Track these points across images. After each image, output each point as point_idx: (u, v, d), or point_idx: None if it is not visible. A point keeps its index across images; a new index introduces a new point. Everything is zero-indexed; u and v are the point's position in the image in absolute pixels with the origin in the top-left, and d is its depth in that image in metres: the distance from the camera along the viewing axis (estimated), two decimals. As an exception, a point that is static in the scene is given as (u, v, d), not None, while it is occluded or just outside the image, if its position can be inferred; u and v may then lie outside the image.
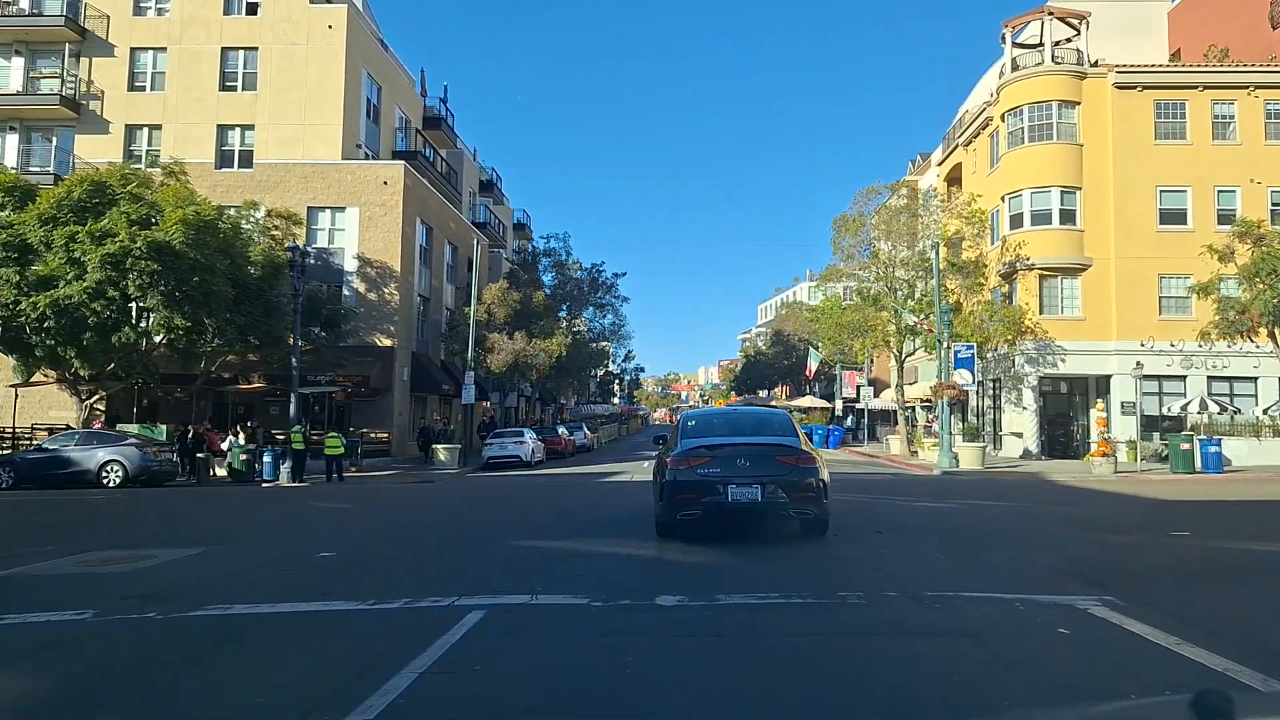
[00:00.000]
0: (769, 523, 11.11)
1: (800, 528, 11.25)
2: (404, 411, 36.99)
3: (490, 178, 60.49)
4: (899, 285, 35.66)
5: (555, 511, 15.77)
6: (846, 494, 18.72)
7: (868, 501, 17.13)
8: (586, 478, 27.58)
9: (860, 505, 16.34)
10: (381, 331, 36.23)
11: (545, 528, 13.04)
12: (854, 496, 17.90)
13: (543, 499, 19.02)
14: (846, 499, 17.47)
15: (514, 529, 13.11)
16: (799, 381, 76.82)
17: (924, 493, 19.74)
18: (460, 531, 13.25)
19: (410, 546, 11.75)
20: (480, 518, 15.12)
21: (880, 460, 36.62)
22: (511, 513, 15.96)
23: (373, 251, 36.38)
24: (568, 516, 14.83)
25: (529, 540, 11.56)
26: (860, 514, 14.72)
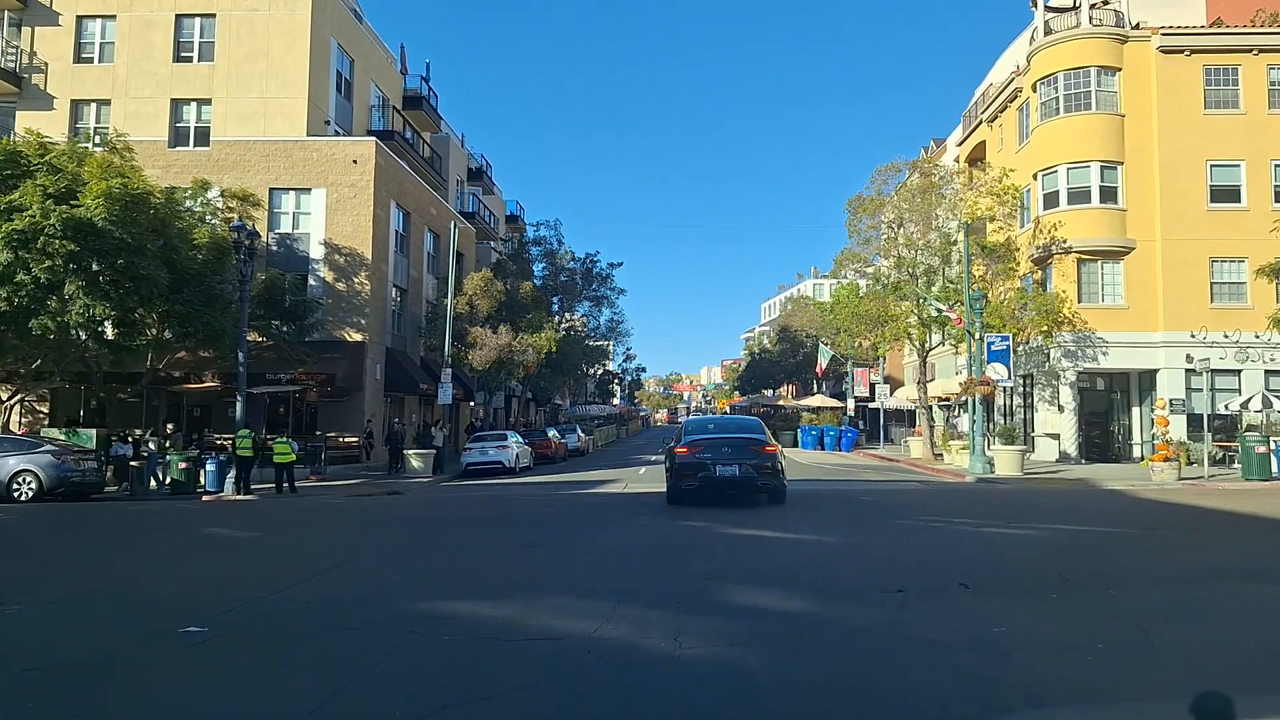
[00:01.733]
0: (749, 495, 16.33)
1: (767, 498, 16.48)
2: (377, 413, 33.64)
3: (480, 165, 57.12)
4: (922, 271, 32.23)
5: (523, 541, 12.33)
6: (884, 515, 15.33)
7: (918, 527, 13.67)
8: (575, 488, 24.23)
9: (912, 533, 12.92)
10: (351, 325, 32.89)
11: (497, 578, 9.47)
12: (897, 520, 14.51)
13: (515, 520, 15.59)
14: (889, 523, 14.09)
15: (452, 579, 9.51)
16: (806, 380, 73.37)
17: (975, 509, 16.32)
18: (370, 594, 8.54)
19: (267, 629, 7.22)
20: (417, 558, 11.38)
21: (901, 465, 33.22)
22: (465, 545, 12.44)
23: (341, 237, 33.05)
24: (536, 552, 11.41)
25: (463, 604, 8.08)
26: (920, 546, 11.38)
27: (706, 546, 11.61)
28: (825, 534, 12.72)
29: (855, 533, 13.08)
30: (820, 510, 16.09)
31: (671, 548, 11.39)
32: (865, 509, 16.77)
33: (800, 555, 10.74)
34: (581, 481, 26.44)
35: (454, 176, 51.52)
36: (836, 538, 12.44)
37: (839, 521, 14.60)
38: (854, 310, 31.18)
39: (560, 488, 24.12)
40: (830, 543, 11.97)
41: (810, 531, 12.95)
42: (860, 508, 17.06)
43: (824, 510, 16.15)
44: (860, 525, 14.13)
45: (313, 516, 17.47)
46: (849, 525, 14.12)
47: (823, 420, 46.50)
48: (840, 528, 13.62)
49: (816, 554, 10.90)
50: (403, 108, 43.49)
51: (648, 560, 10.35)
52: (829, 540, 12.16)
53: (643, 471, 30.03)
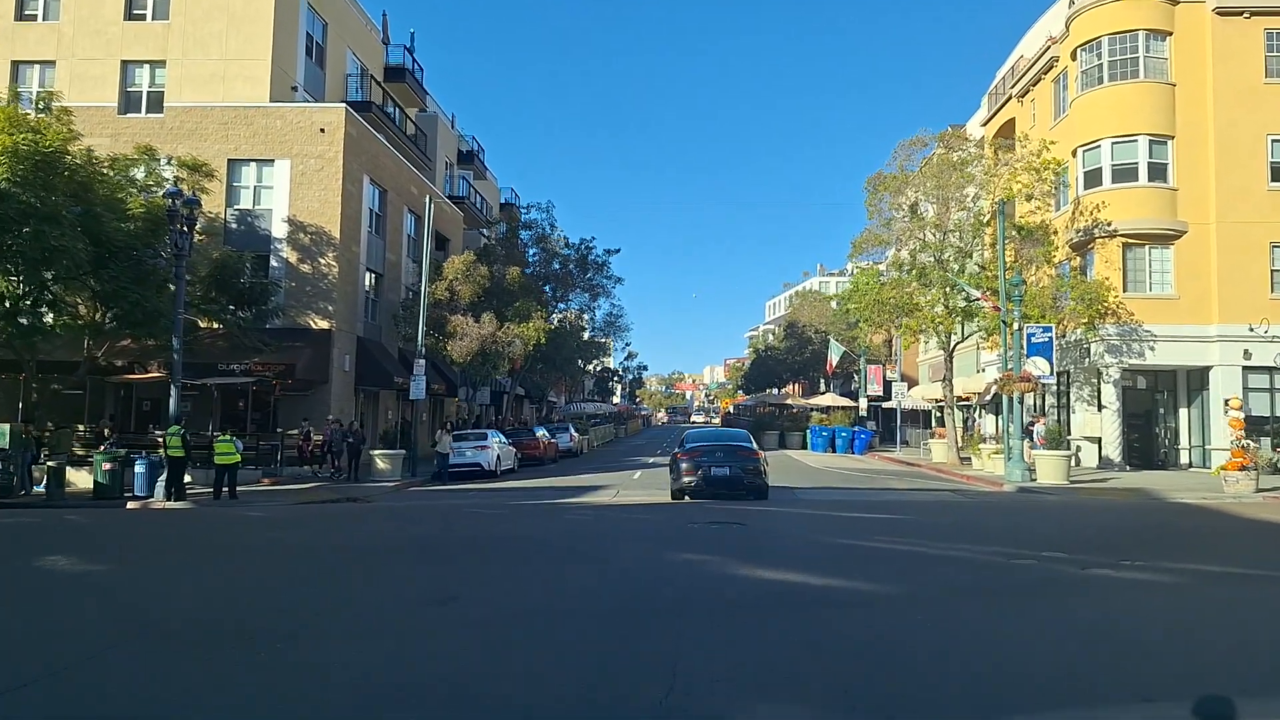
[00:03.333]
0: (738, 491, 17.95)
1: (753, 495, 18.05)
2: (347, 408, 30.45)
3: (471, 148, 53.96)
4: (949, 256, 29.01)
5: (442, 591, 8.74)
6: (943, 539, 12.06)
7: (1009, 568, 9.97)
8: (557, 495, 21.07)
9: (1023, 593, 8.44)
10: (316, 311, 29.72)
11: (337, 701, 5.45)
12: (947, 549, 11.10)
13: (457, 548, 12.18)
14: (937, 559, 10.81)
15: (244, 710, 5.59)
16: (814, 378, 70.14)
17: (1052, 533, 13.05)
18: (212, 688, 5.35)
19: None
20: (320, 611, 8.05)
21: (924, 470, 30.01)
22: (352, 601, 8.42)
23: (307, 213, 29.89)
24: (448, 614, 7.91)
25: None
26: (1059, 625, 7.04)
27: (708, 606, 7.79)
28: (885, 582, 8.85)
29: (923, 578, 9.16)
30: (854, 532, 12.89)
31: (655, 609, 7.74)
32: (912, 530, 13.53)
33: (869, 633, 6.84)
34: (566, 488, 23.28)
35: (442, 158, 48.38)
36: (903, 587, 8.61)
37: (893, 558, 10.76)
38: (876, 298, 27.93)
39: (540, 495, 20.94)
40: (897, 598, 8.10)
41: (864, 576, 9.17)
42: (904, 528, 13.82)
43: (859, 532, 12.95)
44: (929, 567, 9.89)
45: (219, 536, 14.25)
46: (913, 568, 9.93)
47: (834, 420, 43.30)
48: (902, 568, 9.84)
49: (896, 632, 6.92)
50: (384, 80, 40.32)
51: (617, 637, 6.79)
52: (892, 592, 8.32)
53: (637, 476, 26.85)
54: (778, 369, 71.47)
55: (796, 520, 14.37)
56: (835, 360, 46.75)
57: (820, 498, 19.63)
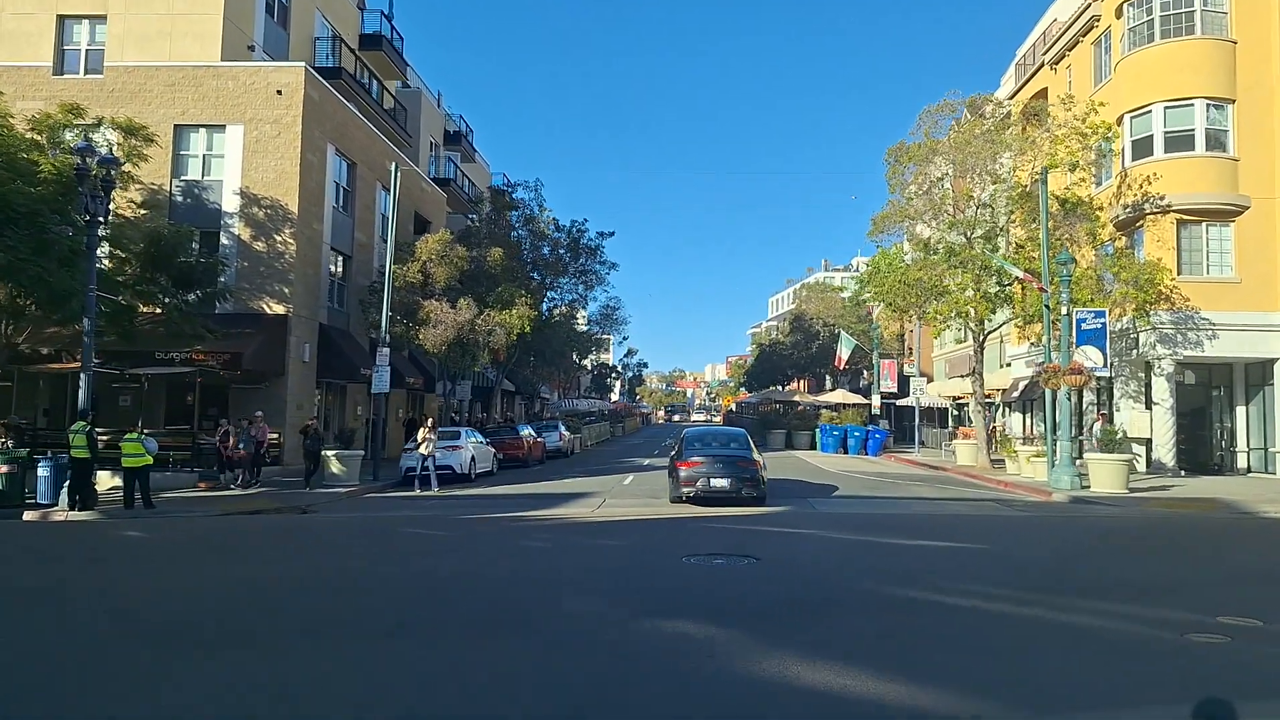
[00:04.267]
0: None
1: (750, 502, 17.43)
2: (305, 403, 27.30)
3: (459, 128, 50.83)
4: (982, 234, 25.78)
5: (275, 691, 5.66)
6: (1026, 595, 8.60)
7: (1157, 641, 6.65)
8: (529, 505, 17.93)
9: None
10: (271, 294, 26.57)
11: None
12: (1066, 609, 7.74)
13: (366, 594, 8.96)
14: (1067, 633, 7.16)
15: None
16: (821, 374, 66.91)
17: (1173, 577, 9.80)
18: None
19: None
20: None
21: (950, 474, 26.81)
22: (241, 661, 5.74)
23: (261, 185, 26.73)
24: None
25: None
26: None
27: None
28: (1021, 690, 5.48)
29: (1071, 679, 5.66)
30: (912, 572, 9.66)
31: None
32: (988, 567, 10.23)
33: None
34: (544, 496, 20.11)
35: (426, 137, 45.23)
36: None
37: (995, 628, 7.11)
38: (902, 279, 24.64)
39: (509, 506, 17.76)
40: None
41: (977, 681, 5.60)
42: (974, 564, 10.53)
43: (919, 572, 9.72)
44: (1066, 650, 6.33)
45: (59, 567, 11.02)
46: (1038, 652, 6.34)
47: (845, 419, 40.08)
48: (1021, 652, 6.36)
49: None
50: (359, 48, 37.12)
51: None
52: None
53: (629, 481, 23.66)
54: (782, 365, 68.25)
55: (825, 549, 11.15)
56: (846, 355, 43.55)
57: (844, 511, 16.44)
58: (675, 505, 17.64)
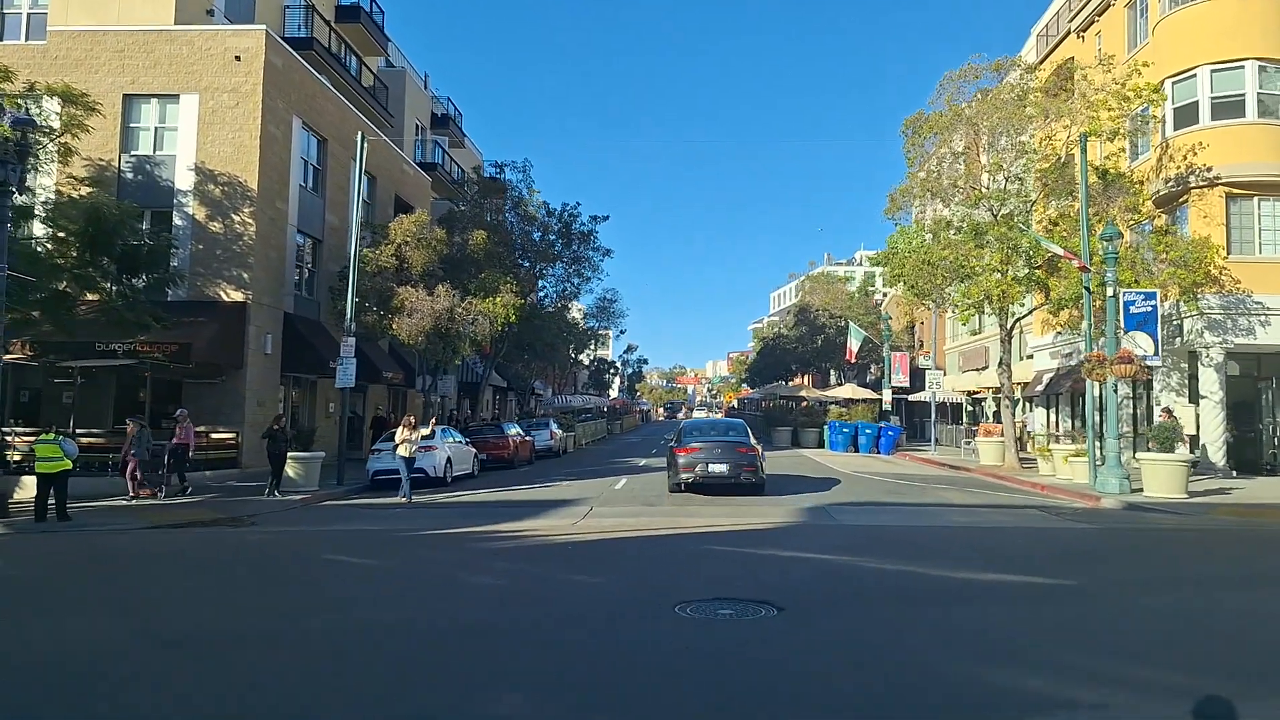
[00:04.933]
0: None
1: (749, 489, 18.27)
2: (268, 400, 24.94)
3: (446, 111, 48.37)
4: (1009, 211, 23.36)
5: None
6: (1189, 677, 6.06)
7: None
8: (505, 515, 15.58)
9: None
10: (229, 280, 24.19)
11: None
12: None
13: (287, 637, 6.64)
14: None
15: None
16: (826, 369, 64.50)
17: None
18: None
19: None
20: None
21: (976, 475, 24.42)
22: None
23: (217, 160, 24.35)
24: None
25: None
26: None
27: None
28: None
29: None
30: (988, 633, 7.12)
31: None
32: (1090, 613, 7.50)
33: None
34: (523, 503, 17.76)
35: (411, 119, 42.78)
36: None
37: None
38: (925, 258, 22.15)
39: (478, 518, 15.37)
40: None
41: None
42: (1068, 608, 7.64)
43: (997, 629, 7.19)
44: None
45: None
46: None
47: (855, 415, 37.67)
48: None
49: None
50: (335, 20, 34.72)
51: None
52: None
53: (621, 485, 21.26)
54: (786, 359, 65.78)
55: (867, 589, 8.19)
56: (856, 346, 41.12)
57: (871, 524, 14.04)
58: (671, 513, 15.32)
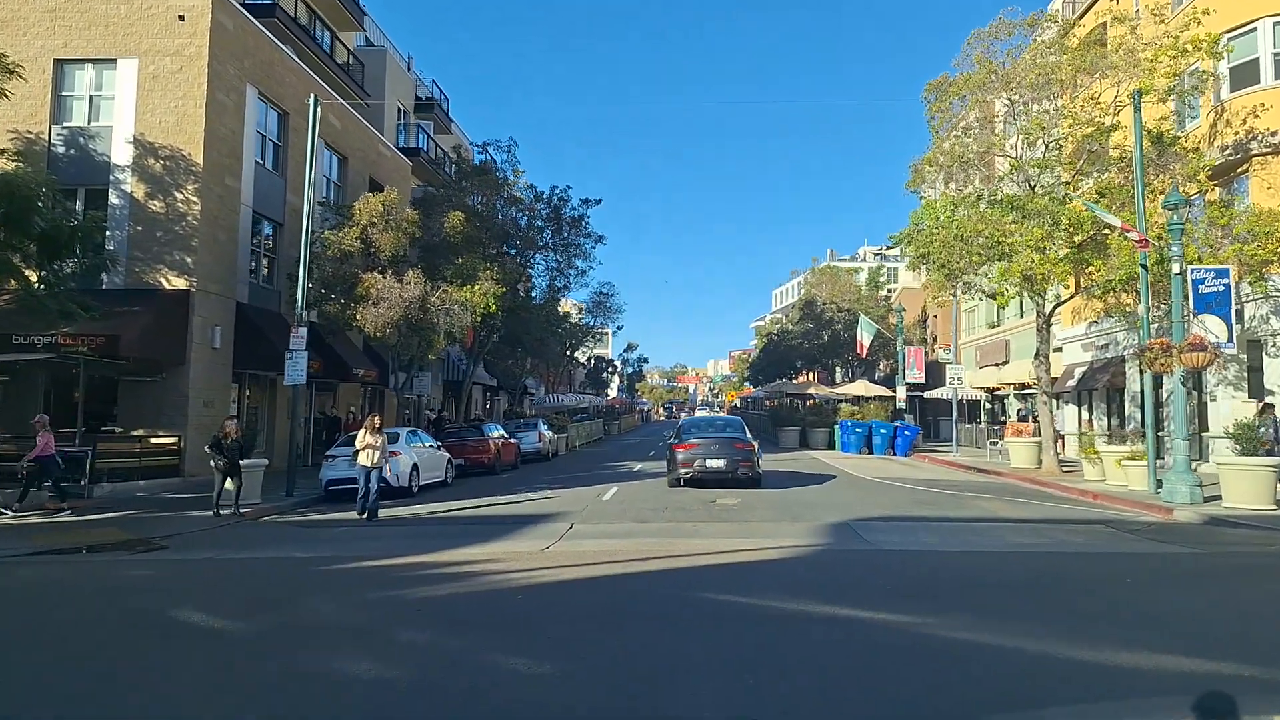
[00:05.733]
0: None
1: (747, 483, 18.89)
2: (215, 400, 22.32)
3: (431, 95, 45.72)
4: (1059, 176, 20.67)
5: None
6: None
7: None
8: (466, 536, 12.99)
9: None
10: (171, 265, 21.57)
11: None
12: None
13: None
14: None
15: None
16: (833, 366, 61.82)
17: None
18: None
19: None
20: None
21: (1010, 480, 21.76)
22: None
23: (158, 131, 21.74)
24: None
25: None
26: None
27: None
28: None
29: None
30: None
31: None
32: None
33: None
34: (491, 520, 15.13)
35: (392, 102, 40.12)
36: None
37: None
38: (957, 233, 19.36)
39: (433, 539, 12.72)
40: None
41: None
42: None
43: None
44: None
45: None
46: None
47: (868, 414, 34.98)
48: None
49: None
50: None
51: None
52: None
53: (610, 494, 18.57)
54: (790, 356, 63.07)
55: (959, 685, 5.73)
56: (868, 340, 38.42)
57: (912, 548, 11.37)
58: (666, 531, 12.73)
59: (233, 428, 16.56)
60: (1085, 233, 20.00)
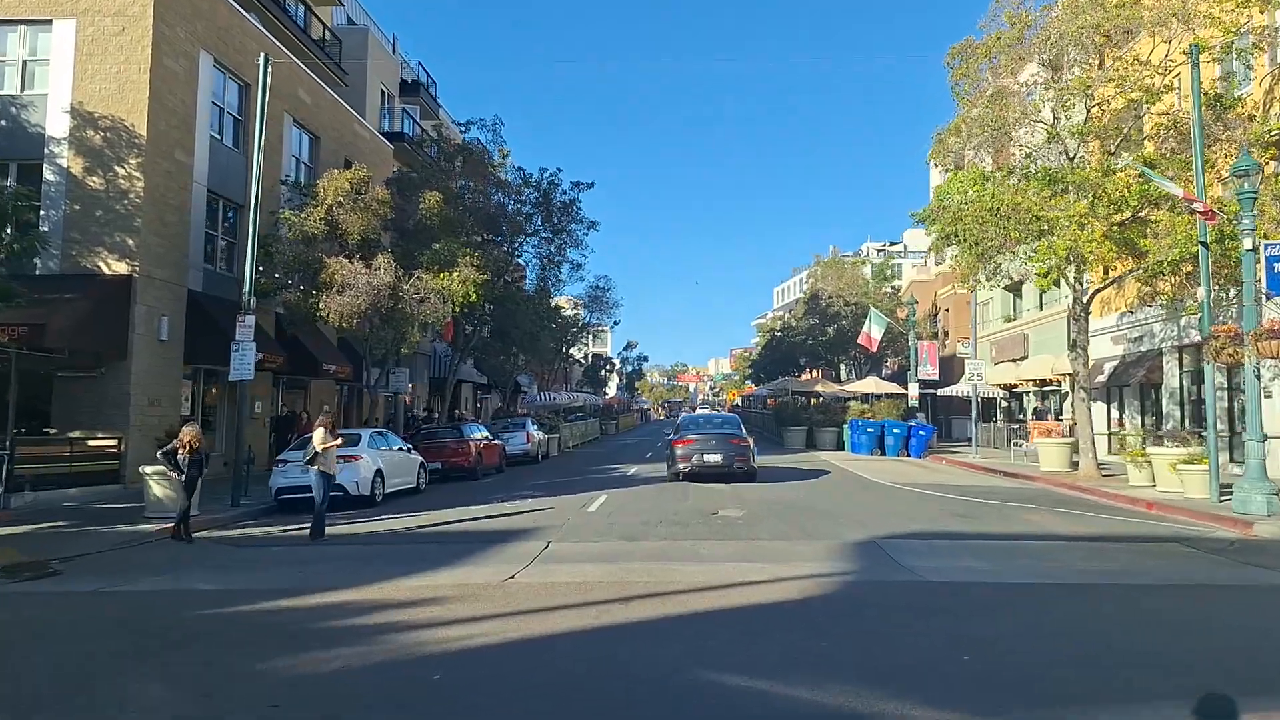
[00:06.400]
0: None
1: (742, 478, 19.51)
2: (162, 397, 20.16)
3: (417, 78, 43.59)
4: (1108, 144, 18.49)
5: None
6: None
7: None
8: (423, 558, 10.83)
9: None
10: (110, 247, 19.41)
11: None
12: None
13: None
14: None
15: None
16: (838, 363, 59.65)
17: None
18: None
19: None
20: None
21: (1044, 485, 19.62)
22: None
23: (99, 100, 19.58)
24: None
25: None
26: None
27: None
28: None
29: None
30: None
31: None
32: None
33: None
34: (458, 536, 12.99)
35: (375, 85, 37.97)
36: None
37: None
38: (993, 205, 17.09)
39: (370, 568, 10.51)
40: None
41: None
42: None
43: None
44: None
45: None
46: None
47: (879, 413, 32.80)
48: None
49: None
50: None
51: None
52: None
53: (598, 504, 16.37)
54: (794, 353, 60.91)
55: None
56: (879, 334, 36.24)
57: (964, 577, 9.18)
58: (658, 554, 10.60)
59: (191, 434, 13.77)
60: (1130, 208, 17.80)
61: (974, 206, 17.48)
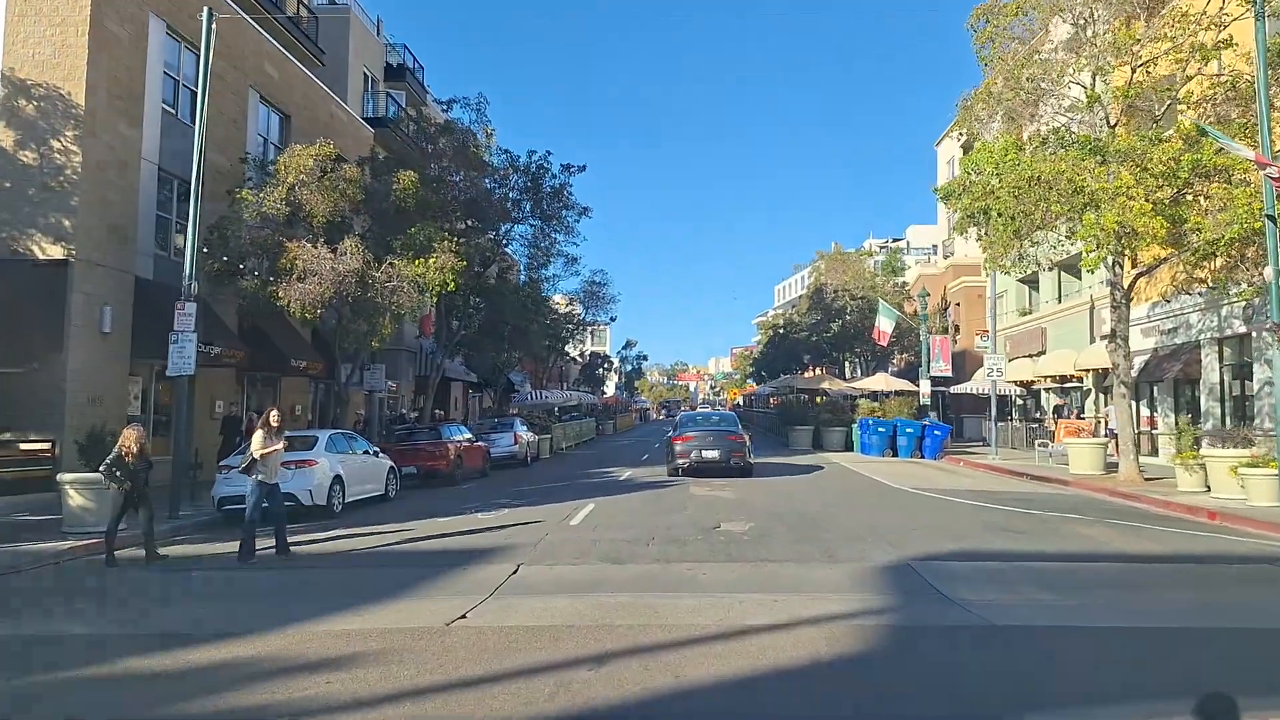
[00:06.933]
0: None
1: (739, 472, 19.86)
2: (105, 395, 18.26)
3: (403, 61, 41.62)
4: (1156, 109, 16.58)
5: None
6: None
7: None
8: (356, 593, 9.01)
9: None
10: (44, 230, 17.49)
11: None
12: None
13: None
14: None
15: None
16: (842, 360, 57.72)
17: None
18: None
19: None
20: None
21: (1081, 490, 17.72)
22: None
23: (32, 66, 17.68)
24: None
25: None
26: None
27: None
28: None
29: None
30: None
31: None
32: None
33: None
34: (410, 559, 11.10)
35: (358, 68, 36.08)
36: None
37: None
38: (1031, 173, 15.12)
39: (299, 603, 8.64)
40: None
41: None
42: None
43: None
44: None
45: None
46: None
47: (890, 411, 30.90)
48: None
49: None
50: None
51: None
52: None
53: (582, 516, 14.44)
54: (797, 350, 58.98)
55: None
56: (889, 328, 34.32)
57: (1031, 618, 7.23)
58: (648, 582, 8.73)
59: (133, 436, 11.66)
60: (1180, 181, 15.86)
61: (1011, 175, 15.52)
